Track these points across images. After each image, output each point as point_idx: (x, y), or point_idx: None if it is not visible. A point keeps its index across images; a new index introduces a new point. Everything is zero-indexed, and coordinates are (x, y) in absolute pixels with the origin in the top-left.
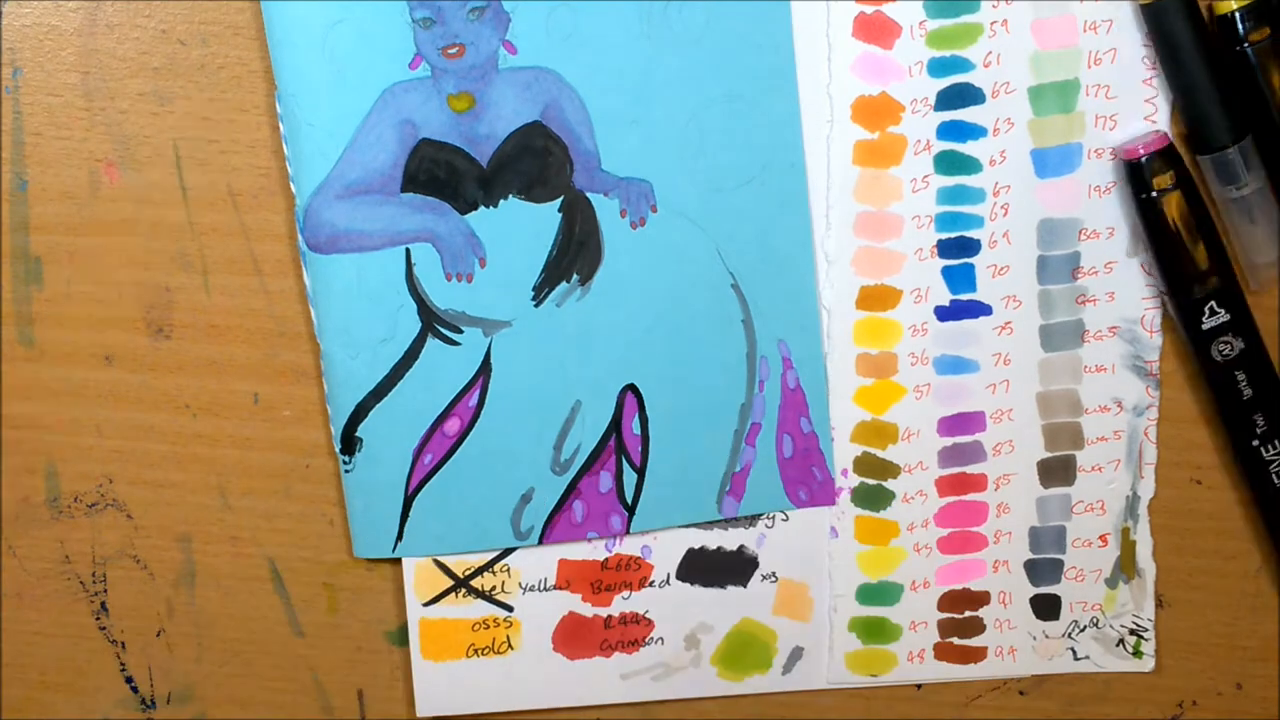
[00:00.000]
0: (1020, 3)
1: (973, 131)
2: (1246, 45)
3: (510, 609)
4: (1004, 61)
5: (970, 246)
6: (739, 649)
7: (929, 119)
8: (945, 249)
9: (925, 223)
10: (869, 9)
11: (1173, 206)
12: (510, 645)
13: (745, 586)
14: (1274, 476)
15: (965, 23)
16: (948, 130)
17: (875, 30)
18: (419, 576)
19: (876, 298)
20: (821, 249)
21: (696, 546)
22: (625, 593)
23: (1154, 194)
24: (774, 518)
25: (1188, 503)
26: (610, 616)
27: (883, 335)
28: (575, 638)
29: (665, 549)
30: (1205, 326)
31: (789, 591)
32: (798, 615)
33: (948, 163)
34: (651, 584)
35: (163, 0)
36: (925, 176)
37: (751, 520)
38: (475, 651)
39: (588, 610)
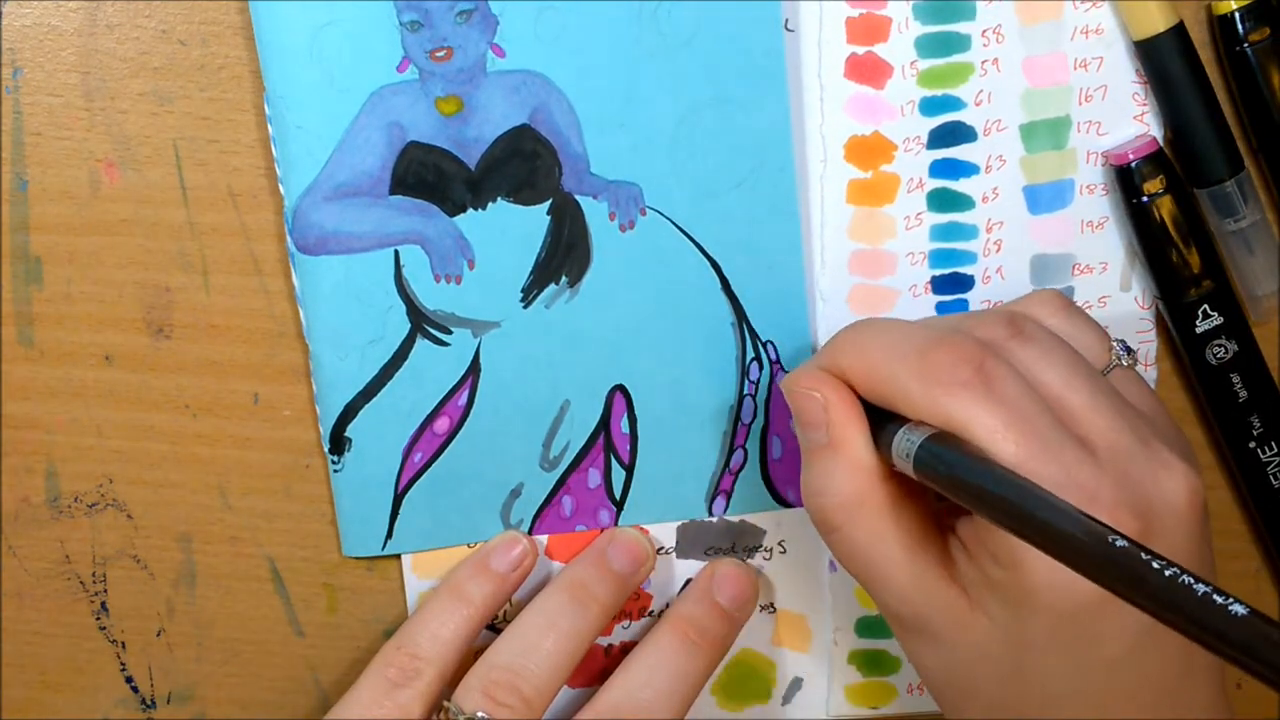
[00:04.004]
0: (1011, 41)
1: (965, 169)
2: (1246, 45)
3: None
4: (995, 100)
5: (964, 282)
6: (739, 679)
7: (921, 157)
8: (939, 285)
9: (919, 259)
10: (860, 50)
11: (1164, 211)
12: None
13: None
14: (1271, 477)
15: (956, 62)
16: (940, 168)
17: (867, 71)
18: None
19: None
20: (817, 287)
21: (695, 576)
22: (625, 622)
23: (1145, 199)
24: (771, 550)
25: None
26: (610, 646)
27: None
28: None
29: (664, 579)
30: (1199, 330)
31: (788, 623)
32: (797, 646)
33: (941, 200)
34: (651, 614)
35: (163, 0)
36: (918, 214)
37: (749, 551)
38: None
39: None
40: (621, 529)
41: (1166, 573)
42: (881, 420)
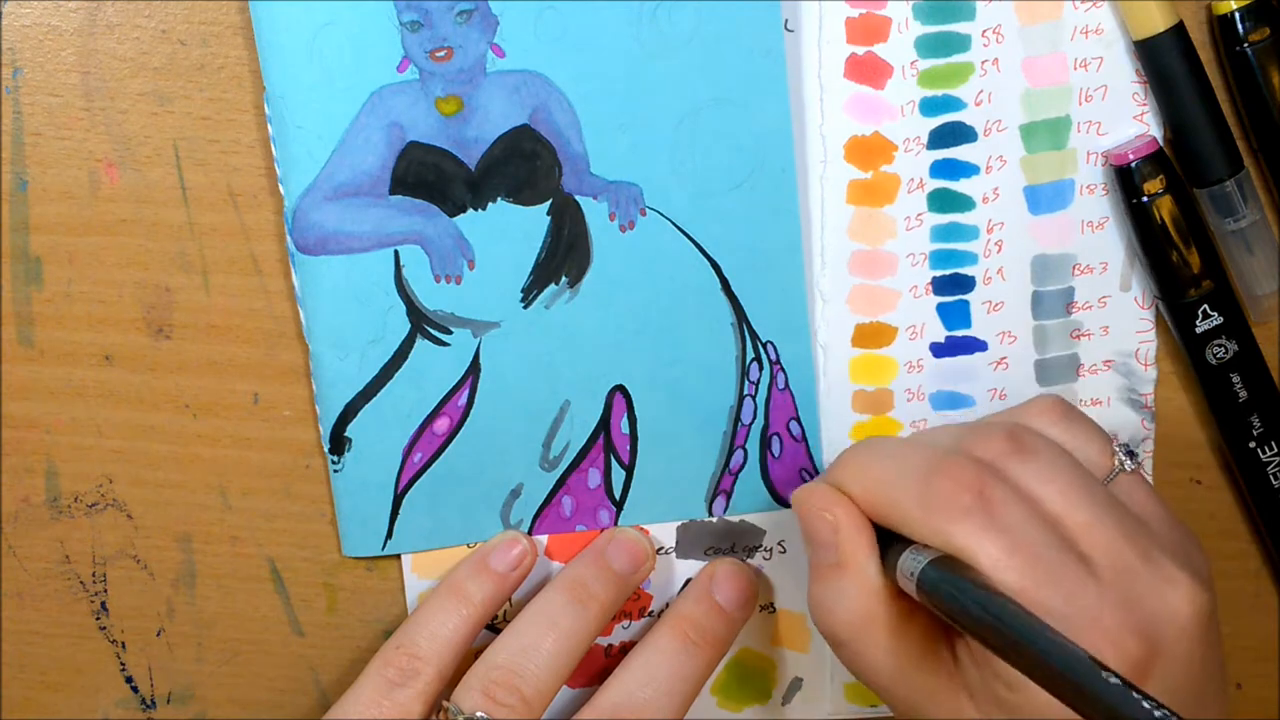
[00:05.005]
0: (1011, 41)
1: (965, 169)
2: (1246, 45)
3: None
4: (995, 100)
5: (965, 283)
6: (738, 679)
7: (922, 157)
8: (940, 286)
9: (920, 260)
10: (860, 50)
11: (1164, 211)
12: None
13: None
14: (1271, 477)
15: (956, 62)
16: (940, 168)
17: (867, 71)
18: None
19: (872, 335)
20: (817, 288)
21: (695, 576)
22: (625, 622)
23: (1145, 199)
24: (771, 550)
25: (1187, 503)
26: (610, 645)
27: (879, 372)
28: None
29: (664, 579)
30: (1199, 330)
31: (788, 622)
32: (796, 646)
33: (941, 200)
34: (651, 614)
35: (163, 0)
36: (919, 214)
37: (749, 551)
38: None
39: None
40: (621, 529)
41: (1157, 714)
42: (888, 539)
